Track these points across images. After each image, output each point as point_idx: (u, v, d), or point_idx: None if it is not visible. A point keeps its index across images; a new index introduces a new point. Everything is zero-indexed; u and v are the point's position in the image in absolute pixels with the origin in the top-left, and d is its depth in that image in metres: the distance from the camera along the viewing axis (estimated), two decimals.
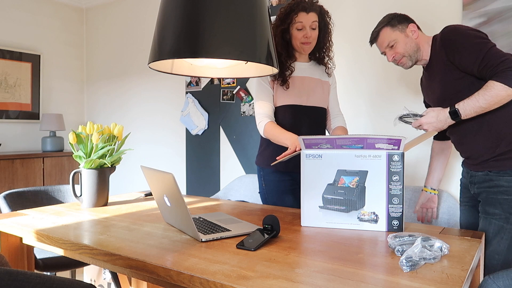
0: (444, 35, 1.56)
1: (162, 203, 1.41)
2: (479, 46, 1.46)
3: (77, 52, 4.64)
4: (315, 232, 1.37)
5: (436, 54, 1.62)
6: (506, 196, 1.50)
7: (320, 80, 1.93)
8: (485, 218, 1.55)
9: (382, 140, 1.34)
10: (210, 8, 1.25)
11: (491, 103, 1.43)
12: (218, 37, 1.25)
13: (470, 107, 1.47)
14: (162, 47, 1.30)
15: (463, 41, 1.50)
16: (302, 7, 1.78)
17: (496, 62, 1.42)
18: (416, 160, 2.55)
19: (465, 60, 1.49)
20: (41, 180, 3.89)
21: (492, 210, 1.53)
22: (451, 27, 1.56)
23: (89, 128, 1.79)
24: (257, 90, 1.89)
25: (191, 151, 3.76)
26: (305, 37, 1.80)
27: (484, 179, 1.57)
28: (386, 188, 1.36)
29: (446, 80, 1.58)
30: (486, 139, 1.54)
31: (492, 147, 1.53)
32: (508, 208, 1.49)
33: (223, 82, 3.49)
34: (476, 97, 1.45)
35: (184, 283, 1.00)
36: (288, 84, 1.84)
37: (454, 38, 1.53)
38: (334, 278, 0.95)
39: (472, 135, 1.58)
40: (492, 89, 1.42)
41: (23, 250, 1.60)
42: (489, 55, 1.44)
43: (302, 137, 1.43)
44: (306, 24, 1.79)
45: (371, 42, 1.77)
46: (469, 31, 1.51)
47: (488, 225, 1.53)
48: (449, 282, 0.92)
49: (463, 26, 1.55)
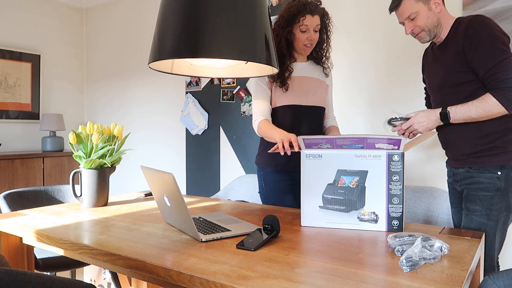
0: (472, 24, 1.50)
1: (162, 203, 1.41)
2: (496, 52, 1.44)
3: (77, 52, 4.64)
4: (315, 232, 1.37)
5: (454, 38, 1.56)
6: (486, 192, 1.51)
7: (319, 80, 1.93)
8: (466, 214, 1.57)
9: (382, 140, 1.34)
10: (210, 8, 1.25)
11: (481, 116, 1.47)
12: (218, 37, 1.25)
13: (461, 114, 1.49)
14: (162, 47, 1.30)
15: (485, 41, 1.46)
16: (310, 10, 1.76)
17: (502, 77, 1.42)
18: (416, 160, 2.55)
19: (477, 60, 1.47)
20: (41, 180, 3.89)
21: (472, 206, 1.54)
22: (481, 19, 1.50)
23: (89, 128, 1.79)
24: (254, 90, 1.89)
25: (191, 151, 3.76)
26: (309, 40, 1.80)
27: (465, 176, 1.59)
28: (386, 188, 1.36)
29: (451, 68, 1.56)
30: (469, 135, 1.56)
31: (473, 143, 1.55)
32: (488, 204, 1.51)
33: (223, 82, 3.49)
34: (469, 106, 1.47)
35: (184, 283, 1.00)
36: (287, 86, 1.84)
37: (479, 33, 1.47)
38: (334, 278, 0.95)
39: (456, 130, 1.59)
40: (486, 103, 1.44)
41: (23, 250, 1.60)
42: (499, 67, 1.43)
43: (302, 137, 1.43)
44: (310, 27, 1.78)
45: (390, 10, 1.66)
46: (496, 31, 1.47)
47: (469, 222, 1.54)
48: (449, 282, 0.92)
49: (492, 23, 1.49)
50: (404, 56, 2.58)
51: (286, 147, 1.55)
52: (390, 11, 1.67)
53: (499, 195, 1.50)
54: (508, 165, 1.50)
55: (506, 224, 1.53)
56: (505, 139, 1.51)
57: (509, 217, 1.53)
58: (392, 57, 2.64)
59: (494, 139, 1.51)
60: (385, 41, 2.66)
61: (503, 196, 1.50)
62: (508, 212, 1.52)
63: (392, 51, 2.64)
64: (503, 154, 1.50)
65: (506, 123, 1.51)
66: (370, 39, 2.72)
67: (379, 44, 2.68)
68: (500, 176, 1.50)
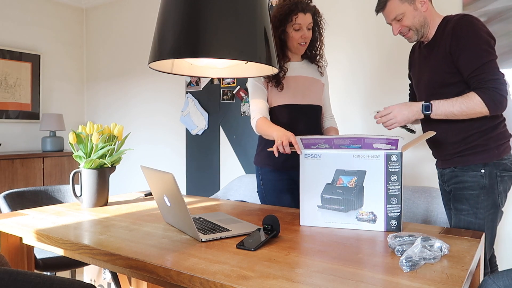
0: (458, 25, 1.50)
1: (162, 203, 1.41)
2: (482, 53, 1.44)
3: (77, 52, 4.64)
4: (315, 232, 1.37)
5: (441, 37, 1.56)
6: (471, 191, 1.52)
7: (314, 78, 1.94)
8: (455, 214, 1.57)
9: (379, 140, 1.34)
10: (210, 8, 1.25)
11: (463, 114, 1.46)
12: (218, 37, 1.25)
13: (443, 109, 1.48)
14: (162, 47, 1.30)
15: (471, 41, 1.46)
16: (301, 8, 1.79)
17: (487, 77, 1.42)
18: (415, 160, 2.55)
19: (463, 61, 1.48)
20: (41, 180, 3.89)
21: (460, 206, 1.55)
22: (468, 19, 1.50)
23: (89, 128, 1.79)
24: (251, 89, 1.90)
25: (191, 151, 3.76)
26: (303, 38, 1.82)
27: (451, 176, 1.60)
28: (384, 188, 1.36)
29: (438, 69, 1.57)
30: (454, 136, 1.56)
31: (457, 143, 1.56)
32: (474, 203, 1.51)
33: (223, 82, 3.49)
34: (452, 102, 1.47)
35: (184, 283, 1.00)
36: (282, 86, 1.84)
37: (466, 33, 1.47)
38: (334, 278, 0.95)
39: (442, 132, 1.59)
40: (470, 101, 1.43)
41: (23, 250, 1.60)
42: (485, 68, 1.43)
43: (300, 137, 1.43)
44: (303, 25, 1.80)
45: (377, 11, 1.67)
46: (482, 32, 1.47)
47: (458, 222, 1.55)
48: (449, 282, 0.93)
49: (479, 23, 1.49)
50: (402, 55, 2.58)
51: (284, 149, 1.54)
52: (376, 13, 1.68)
53: (484, 193, 1.51)
54: (491, 162, 1.51)
55: (494, 222, 1.54)
56: (486, 137, 1.52)
57: (497, 215, 1.53)
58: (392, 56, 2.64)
59: (476, 138, 1.53)
60: (383, 41, 2.66)
61: (488, 193, 1.50)
62: (495, 209, 1.52)
63: (391, 50, 2.64)
64: (485, 152, 1.52)
65: (488, 123, 1.52)
66: (369, 38, 2.72)
67: (378, 43, 2.69)
68: (484, 174, 1.51)
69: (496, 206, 1.52)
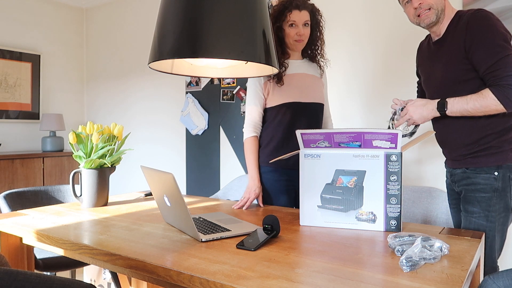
0: (474, 19, 1.46)
1: (162, 203, 1.41)
2: (498, 49, 1.41)
3: (77, 52, 4.64)
4: (315, 232, 1.37)
5: (454, 33, 1.53)
6: (484, 193, 1.50)
7: (315, 76, 1.95)
8: (465, 216, 1.55)
9: (379, 135, 1.34)
10: (210, 8, 1.25)
11: (478, 111, 1.44)
12: (218, 37, 1.25)
13: (459, 106, 1.46)
14: (162, 47, 1.30)
15: (486, 37, 1.43)
16: (295, 5, 1.81)
17: (503, 74, 1.40)
18: (415, 160, 2.55)
19: (478, 56, 1.44)
20: (41, 180, 3.89)
21: (471, 208, 1.53)
22: (484, 14, 1.46)
23: (89, 128, 1.79)
24: (249, 93, 1.92)
25: (191, 151, 3.76)
26: (298, 35, 1.83)
27: (462, 177, 1.57)
28: (384, 188, 1.36)
29: (451, 65, 1.53)
30: (466, 136, 1.54)
31: (470, 144, 1.53)
32: (486, 206, 1.49)
33: (223, 82, 3.49)
34: (466, 99, 1.45)
35: (184, 283, 1.00)
36: (283, 81, 1.86)
37: (481, 28, 1.44)
38: (334, 278, 0.95)
39: (453, 131, 1.57)
40: (484, 99, 1.41)
41: (23, 250, 1.60)
42: (501, 63, 1.40)
43: (299, 131, 1.43)
44: (299, 22, 1.82)
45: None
46: (498, 27, 1.44)
47: (468, 224, 1.53)
48: (449, 282, 0.93)
49: (494, 18, 1.46)
50: (406, 52, 2.58)
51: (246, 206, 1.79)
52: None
53: (496, 196, 1.48)
54: (504, 165, 1.48)
55: (505, 225, 1.52)
56: (501, 139, 1.49)
57: (508, 218, 1.52)
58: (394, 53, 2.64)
59: (490, 139, 1.50)
60: (386, 38, 2.66)
61: (500, 196, 1.48)
62: (506, 212, 1.50)
63: (393, 48, 2.64)
64: (499, 153, 1.49)
65: (503, 124, 1.49)
66: (372, 36, 2.72)
67: (381, 40, 2.69)
68: (497, 176, 1.48)
69: (508, 210, 1.50)
